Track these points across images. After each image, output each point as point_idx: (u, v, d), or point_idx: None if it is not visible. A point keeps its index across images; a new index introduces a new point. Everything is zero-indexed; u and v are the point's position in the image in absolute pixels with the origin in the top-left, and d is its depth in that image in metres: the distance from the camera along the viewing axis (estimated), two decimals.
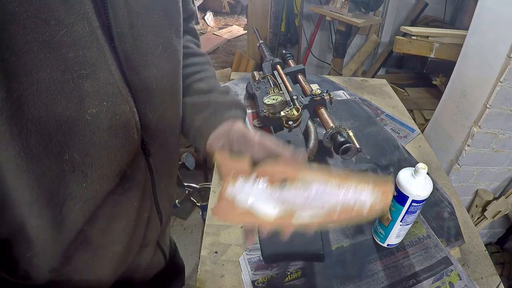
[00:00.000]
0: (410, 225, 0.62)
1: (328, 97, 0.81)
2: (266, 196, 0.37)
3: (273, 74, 0.95)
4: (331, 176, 0.37)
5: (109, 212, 0.40)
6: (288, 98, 0.81)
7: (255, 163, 0.41)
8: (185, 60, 0.54)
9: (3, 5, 0.24)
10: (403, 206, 0.57)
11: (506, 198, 1.44)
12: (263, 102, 0.76)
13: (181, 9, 0.43)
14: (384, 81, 1.29)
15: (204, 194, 1.30)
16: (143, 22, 0.36)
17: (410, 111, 1.99)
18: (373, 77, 2.39)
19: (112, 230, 0.42)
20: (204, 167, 1.82)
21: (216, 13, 4.82)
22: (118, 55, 0.34)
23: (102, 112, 0.33)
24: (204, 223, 0.70)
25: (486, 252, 0.68)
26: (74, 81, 0.30)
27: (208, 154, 0.48)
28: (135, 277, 0.55)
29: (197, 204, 1.34)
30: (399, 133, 0.99)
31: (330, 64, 2.17)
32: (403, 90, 2.15)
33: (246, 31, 3.61)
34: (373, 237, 0.68)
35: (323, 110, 0.79)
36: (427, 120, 1.87)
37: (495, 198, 1.47)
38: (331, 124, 0.72)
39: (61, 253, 0.37)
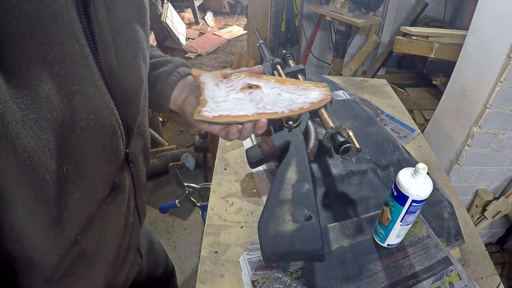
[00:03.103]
0: (410, 225, 0.62)
1: None
2: (241, 99, 0.46)
3: (273, 74, 0.95)
4: (283, 79, 0.48)
5: (100, 222, 0.40)
6: None
7: None
8: None
9: (1, 26, 0.25)
10: (403, 206, 0.57)
11: (506, 198, 1.44)
12: None
13: (148, 21, 0.45)
14: (384, 81, 1.29)
15: (204, 194, 1.30)
16: (122, 37, 0.37)
17: (410, 111, 1.99)
18: (373, 77, 2.39)
19: (104, 239, 0.43)
20: (204, 167, 1.82)
21: (216, 13, 4.82)
22: (103, 69, 0.35)
23: (90, 125, 0.34)
24: (204, 223, 0.70)
25: (486, 252, 0.68)
26: (67, 97, 0.30)
27: (172, 112, 0.55)
28: (119, 282, 0.56)
29: (197, 204, 1.34)
30: (399, 133, 0.99)
31: (330, 64, 2.17)
32: (403, 90, 2.15)
33: (246, 31, 3.61)
34: (373, 237, 0.68)
35: (323, 110, 0.79)
36: (427, 120, 1.87)
37: (495, 198, 1.47)
38: (331, 124, 0.72)
39: (56, 263, 0.37)
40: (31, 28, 0.26)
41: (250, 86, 0.47)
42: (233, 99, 0.46)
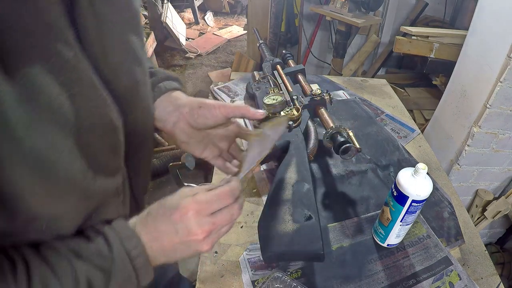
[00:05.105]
0: (410, 225, 0.62)
1: (328, 97, 0.81)
2: (253, 155, 0.51)
3: (273, 74, 0.95)
4: (266, 125, 0.53)
5: (102, 211, 0.42)
6: (288, 98, 0.81)
7: (216, 126, 0.52)
8: None
9: (6, 40, 0.28)
10: (403, 206, 0.57)
11: (506, 198, 1.44)
12: (263, 102, 0.76)
13: (141, 24, 0.46)
14: (384, 81, 1.29)
15: None
16: (112, 40, 0.39)
17: (410, 111, 1.99)
18: (373, 77, 2.39)
19: (102, 219, 0.44)
20: (204, 167, 1.82)
21: (216, 13, 4.82)
22: (96, 71, 0.37)
23: (94, 124, 0.36)
24: None
25: (486, 252, 0.68)
26: (69, 100, 0.33)
27: (156, 128, 0.54)
28: None
29: None
30: (399, 133, 0.99)
31: (330, 64, 2.17)
32: (403, 90, 2.15)
33: (246, 31, 3.61)
34: (373, 237, 0.68)
35: (323, 110, 0.79)
36: (427, 120, 1.87)
37: (495, 198, 1.47)
38: (331, 124, 0.72)
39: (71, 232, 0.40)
40: (32, 41, 0.30)
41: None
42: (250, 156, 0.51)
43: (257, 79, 0.96)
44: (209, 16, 4.58)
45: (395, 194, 0.58)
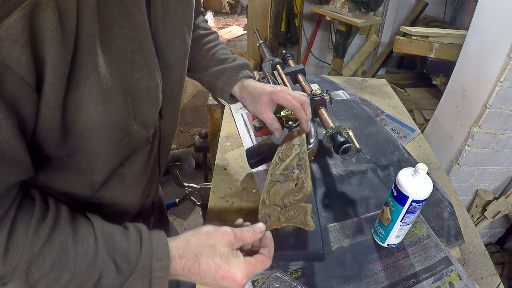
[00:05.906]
0: (410, 225, 0.62)
1: (328, 97, 0.81)
2: None
3: (273, 74, 0.95)
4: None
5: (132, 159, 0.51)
6: None
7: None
8: (204, 38, 0.73)
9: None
10: (403, 206, 0.57)
11: (506, 198, 1.44)
12: None
13: (193, 11, 0.58)
14: (384, 81, 1.29)
15: (204, 194, 1.30)
16: (170, 20, 0.50)
17: (410, 111, 1.99)
18: (373, 77, 2.39)
19: (131, 169, 0.52)
20: (204, 167, 1.82)
21: (216, 13, 4.82)
22: (154, 39, 0.47)
23: (143, 77, 0.45)
24: (204, 223, 0.70)
25: (486, 252, 0.68)
26: (130, 53, 0.42)
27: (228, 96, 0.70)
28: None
29: (197, 203, 1.34)
30: (399, 133, 0.99)
31: (330, 64, 2.17)
32: (403, 90, 2.15)
33: (246, 31, 3.61)
34: (373, 237, 0.68)
35: (323, 110, 0.79)
36: (427, 120, 1.87)
37: (495, 198, 1.47)
38: (331, 124, 0.72)
39: (103, 173, 0.48)
40: (115, 3, 0.39)
41: None
42: None
43: (257, 79, 0.96)
44: (209, 16, 4.58)
45: (395, 194, 0.58)
